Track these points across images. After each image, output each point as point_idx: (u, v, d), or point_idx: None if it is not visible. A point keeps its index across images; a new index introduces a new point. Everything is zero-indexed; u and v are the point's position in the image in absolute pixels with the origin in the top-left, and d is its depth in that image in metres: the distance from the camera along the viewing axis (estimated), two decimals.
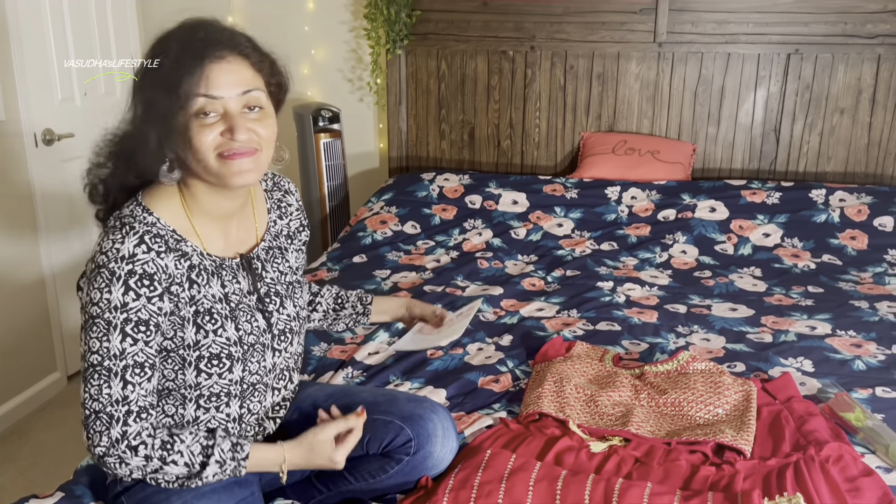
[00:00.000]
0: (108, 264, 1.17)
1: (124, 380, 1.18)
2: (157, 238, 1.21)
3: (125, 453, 1.18)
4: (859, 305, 2.24)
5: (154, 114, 1.19)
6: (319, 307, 1.65)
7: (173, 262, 1.22)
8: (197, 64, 1.19)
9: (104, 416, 1.17)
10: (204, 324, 1.26)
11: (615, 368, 1.81)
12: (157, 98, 1.18)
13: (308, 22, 3.39)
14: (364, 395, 1.49)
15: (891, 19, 2.91)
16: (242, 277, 1.33)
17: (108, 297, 1.17)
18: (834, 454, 1.43)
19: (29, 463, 2.50)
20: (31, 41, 2.77)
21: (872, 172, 3.06)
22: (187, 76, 1.18)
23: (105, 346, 1.17)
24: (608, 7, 3.11)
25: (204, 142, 1.20)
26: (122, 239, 1.19)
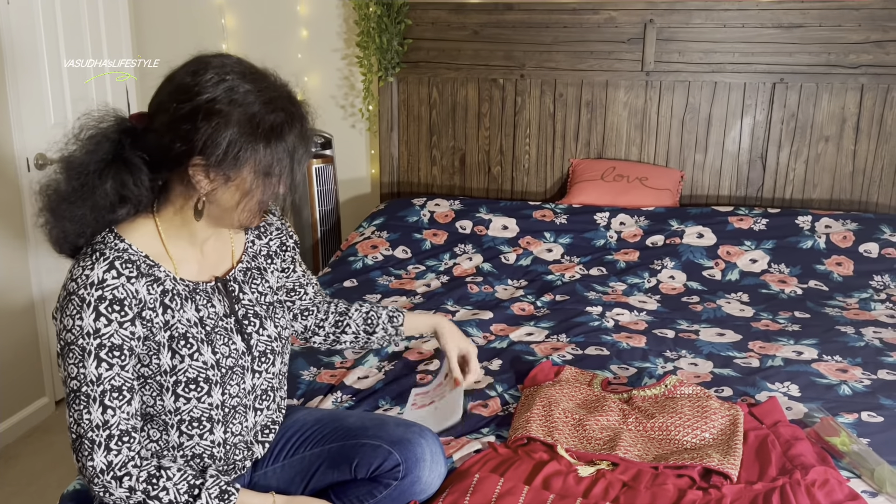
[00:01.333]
0: (78, 291, 1.18)
1: (103, 405, 1.18)
2: (127, 263, 1.22)
3: (110, 483, 1.18)
4: (845, 331, 2.26)
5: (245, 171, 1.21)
6: (349, 329, 1.64)
7: (145, 288, 1.23)
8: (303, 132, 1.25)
9: (86, 441, 1.18)
10: (179, 348, 1.26)
11: (603, 393, 1.82)
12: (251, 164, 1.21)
13: (301, 49, 3.43)
14: (352, 419, 1.49)
15: (873, 50, 2.98)
16: (218, 301, 1.34)
17: (80, 324, 1.18)
18: (820, 478, 1.44)
19: (16, 489, 2.48)
20: (24, 63, 2.79)
21: (857, 199, 3.11)
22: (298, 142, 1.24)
23: (82, 373, 1.18)
24: (596, 37, 3.17)
25: (254, 211, 1.27)
26: (91, 265, 1.20)
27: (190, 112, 1.18)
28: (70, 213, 1.23)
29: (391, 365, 2.03)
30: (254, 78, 1.22)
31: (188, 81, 1.20)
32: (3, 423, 2.74)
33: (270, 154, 1.20)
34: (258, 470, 1.46)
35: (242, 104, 1.19)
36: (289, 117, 1.22)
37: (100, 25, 3.16)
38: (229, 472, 1.39)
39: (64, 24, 2.95)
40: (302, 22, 3.41)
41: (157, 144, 1.21)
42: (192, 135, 1.17)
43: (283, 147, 1.21)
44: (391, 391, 1.88)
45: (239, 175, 1.21)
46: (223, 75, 1.19)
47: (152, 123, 1.23)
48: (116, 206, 1.24)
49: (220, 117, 1.17)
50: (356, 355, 2.09)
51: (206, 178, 1.21)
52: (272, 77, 1.26)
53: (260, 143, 1.19)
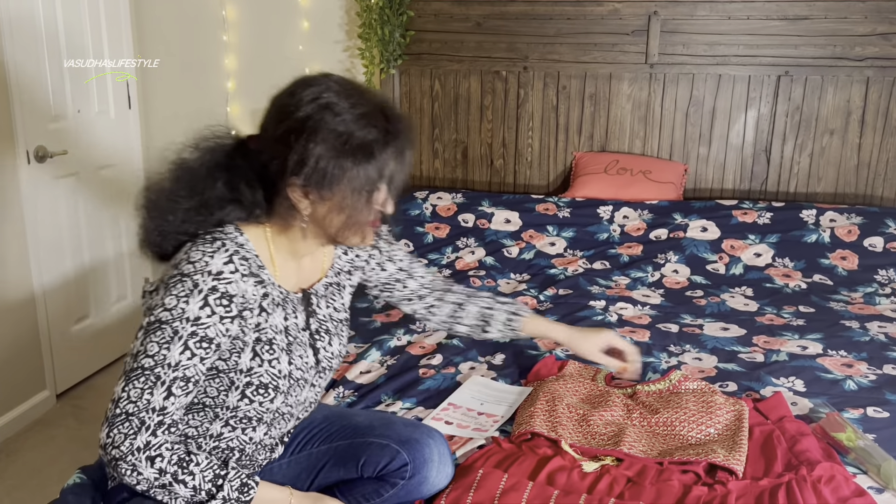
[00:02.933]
0: (194, 275, 1.18)
1: (169, 390, 1.17)
2: (243, 260, 1.23)
3: (140, 462, 1.15)
4: (850, 325, 2.25)
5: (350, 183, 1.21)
6: (463, 322, 1.70)
7: (252, 288, 1.24)
8: (399, 148, 1.24)
9: (136, 420, 1.15)
10: (262, 352, 1.26)
11: (607, 388, 1.81)
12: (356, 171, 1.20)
13: (302, 41, 3.41)
14: (360, 418, 1.49)
15: (879, 42, 2.95)
16: (300, 312, 1.35)
17: (183, 307, 1.17)
18: (826, 474, 1.43)
19: (16, 482, 2.48)
20: (25, 57, 2.77)
21: (862, 193, 3.09)
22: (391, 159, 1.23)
23: (162, 354, 1.16)
24: (600, 29, 3.15)
25: (358, 231, 1.27)
26: (212, 253, 1.20)
27: (284, 132, 1.19)
28: (175, 209, 1.24)
29: (393, 359, 2.03)
30: (349, 94, 1.21)
31: (286, 101, 1.22)
32: (4, 416, 2.73)
33: (362, 172, 1.20)
34: (266, 465, 1.46)
35: (333, 121, 1.18)
36: (382, 133, 1.21)
37: (100, 25, 3.15)
38: (247, 467, 1.39)
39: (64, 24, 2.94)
40: (303, 13, 3.39)
41: (261, 164, 1.23)
42: (287, 154, 1.19)
43: (376, 165, 1.21)
44: (393, 386, 1.87)
45: (334, 194, 1.21)
46: (319, 93, 1.20)
47: (258, 144, 1.25)
48: (226, 205, 1.25)
49: (311, 135, 1.18)
50: (358, 350, 2.09)
51: (305, 198, 1.22)
52: (369, 93, 1.25)
53: (348, 160, 1.19)
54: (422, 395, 1.83)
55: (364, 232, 1.29)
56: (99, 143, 3.22)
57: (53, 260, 2.99)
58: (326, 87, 1.21)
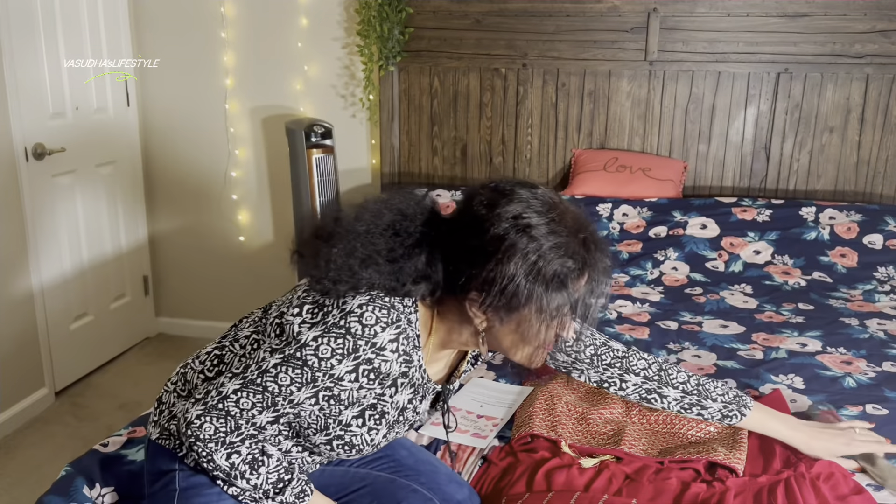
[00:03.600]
0: (358, 340, 1.14)
1: (277, 419, 1.17)
2: (406, 339, 1.18)
3: (218, 452, 1.16)
4: (849, 322, 2.25)
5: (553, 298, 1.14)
6: (656, 404, 1.52)
7: (400, 366, 1.20)
8: (593, 280, 1.18)
9: (233, 422, 1.15)
10: (367, 417, 1.24)
11: None
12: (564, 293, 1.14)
13: (301, 38, 3.41)
14: (404, 452, 1.47)
15: (879, 39, 2.95)
16: (428, 399, 1.33)
17: (332, 363, 1.14)
18: (825, 471, 1.43)
19: (15, 479, 2.47)
20: (22, 54, 2.76)
21: (862, 190, 3.08)
22: (584, 287, 1.17)
23: (290, 390, 1.15)
24: (600, 26, 3.14)
25: (531, 355, 1.21)
26: (385, 325, 1.15)
27: (479, 244, 1.13)
28: (369, 263, 1.17)
29: None
30: (549, 216, 1.14)
31: (485, 213, 1.15)
32: (3, 413, 2.73)
33: (552, 300, 1.13)
34: None
35: (530, 246, 1.12)
36: (579, 265, 1.14)
37: (99, 22, 3.14)
38: None
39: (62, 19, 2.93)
40: (302, 10, 3.38)
41: (447, 265, 1.18)
42: (475, 269, 1.13)
43: (567, 295, 1.14)
44: None
45: (515, 316, 1.15)
46: (520, 212, 1.13)
47: (452, 237, 1.18)
48: (420, 280, 1.19)
49: (506, 254, 1.11)
50: None
51: (483, 313, 1.17)
52: (570, 213, 1.17)
53: (539, 289, 1.12)
54: None
55: (534, 355, 1.22)
56: (97, 140, 3.21)
57: (52, 257, 2.98)
58: (528, 206, 1.14)
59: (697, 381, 1.51)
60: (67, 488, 1.41)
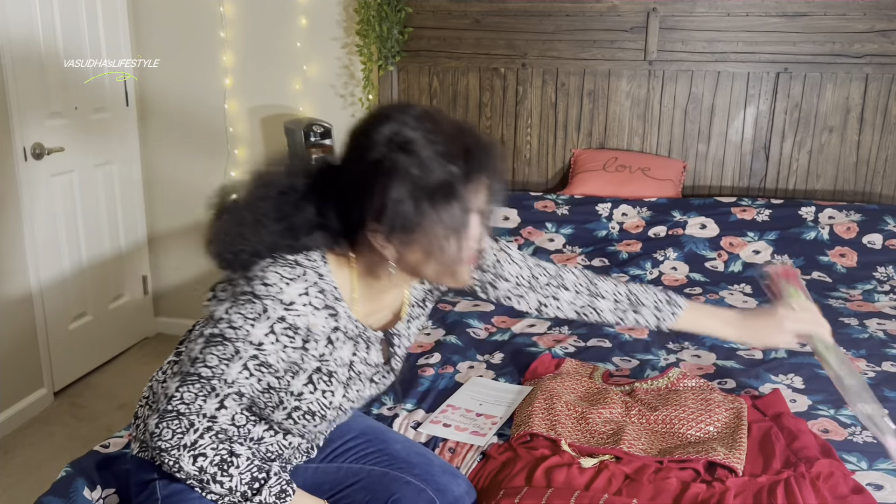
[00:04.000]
0: (265, 299, 1.15)
1: (222, 403, 1.16)
2: (320, 293, 1.19)
3: (183, 458, 1.15)
4: (849, 322, 2.25)
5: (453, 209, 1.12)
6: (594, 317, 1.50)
7: (322, 320, 1.20)
8: (484, 180, 1.17)
9: (185, 420, 1.15)
10: (318, 382, 1.23)
11: (605, 385, 1.80)
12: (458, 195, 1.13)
13: (300, 38, 3.40)
14: (398, 446, 1.47)
15: (878, 39, 2.95)
16: (375, 350, 1.31)
17: (248, 329, 1.15)
18: (825, 471, 1.43)
19: (14, 479, 2.47)
20: (22, 54, 2.76)
21: (861, 190, 3.08)
22: (478, 193, 1.16)
23: (221, 368, 1.15)
24: (599, 25, 3.14)
25: (464, 253, 1.17)
26: (289, 281, 1.16)
27: (361, 175, 1.13)
28: (260, 229, 1.18)
29: None
30: (427, 128, 1.13)
31: (362, 141, 1.15)
32: (2, 414, 2.73)
33: (446, 214, 1.12)
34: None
35: (410, 162, 1.10)
36: (463, 169, 1.13)
37: (98, 25, 3.14)
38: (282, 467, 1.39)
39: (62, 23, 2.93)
40: (301, 10, 3.38)
41: (342, 206, 1.18)
42: (364, 201, 1.13)
43: (460, 204, 1.12)
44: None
45: (418, 239, 1.13)
46: (395, 131, 1.12)
47: (341, 180, 1.18)
48: (314, 230, 1.19)
49: (388, 177, 1.10)
50: None
51: (389, 244, 1.16)
52: (449, 122, 1.17)
53: (427, 203, 1.11)
54: (422, 395, 1.82)
55: (457, 272, 1.21)
56: (96, 140, 3.21)
57: (51, 257, 2.98)
58: (402, 123, 1.13)
59: (627, 288, 1.49)
60: (67, 490, 1.40)
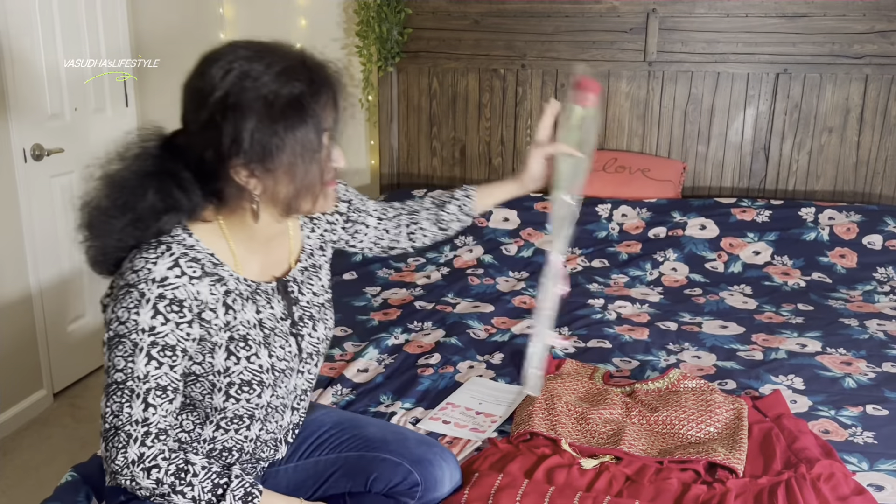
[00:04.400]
0: (139, 284, 1.14)
1: (146, 402, 1.15)
2: (192, 262, 1.18)
3: (138, 474, 1.15)
4: (849, 323, 2.25)
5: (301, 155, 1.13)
6: (425, 237, 1.57)
7: (208, 288, 1.19)
8: (330, 95, 1.15)
9: (123, 434, 1.14)
10: (237, 350, 1.23)
11: (605, 386, 1.80)
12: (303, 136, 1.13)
13: (300, 39, 3.40)
14: (373, 429, 1.46)
15: (878, 40, 2.95)
16: (277, 302, 1.30)
17: (136, 319, 1.14)
18: (825, 472, 1.43)
19: (13, 481, 2.47)
20: (21, 54, 2.76)
21: (861, 191, 3.08)
22: (326, 109, 1.15)
23: (129, 367, 1.15)
24: (598, 26, 3.14)
25: (327, 175, 1.18)
26: (155, 259, 1.15)
27: (208, 116, 1.13)
28: (111, 228, 1.18)
29: (391, 358, 2.02)
30: (261, 55, 1.13)
31: (198, 85, 1.15)
32: (1, 415, 2.72)
33: (300, 132, 1.12)
34: (270, 468, 1.44)
35: (253, 88, 1.11)
36: (307, 85, 1.13)
37: (97, 24, 3.13)
38: (249, 470, 1.37)
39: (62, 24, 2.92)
40: (301, 11, 3.38)
41: (194, 156, 1.16)
42: (218, 138, 1.12)
43: (312, 121, 1.13)
44: (392, 385, 1.86)
45: (278, 163, 1.13)
46: (229, 65, 1.13)
47: (186, 139, 1.18)
48: (162, 214, 1.18)
49: (236, 111, 1.11)
50: (356, 348, 2.08)
51: (252, 177, 1.15)
52: (283, 48, 1.17)
53: (281, 124, 1.11)
54: (421, 395, 1.82)
55: (319, 195, 1.20)
56: (96, 141, 3.21)
57: (50, 259, 2.98)
58: (235, 56, 1.13)
59: (431, 198, 1.60)
60: (74, 499, 1.40)
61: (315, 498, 1.42)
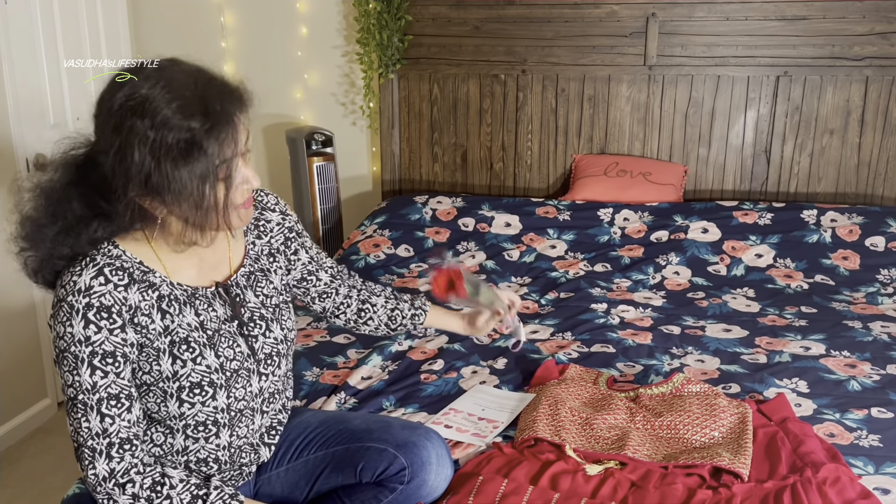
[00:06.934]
0: (67, 297, 1.16)
1: (101, 413, 1.16)
2: (118, 270, 1.19)
3: (113, 490, 1.16)
4: (853, 325, 2.24)
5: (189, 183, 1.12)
6: (371, 322, 1.63)
7: (138, 294, 1.20)
8: (230, 126, 1.15)
9: (87, 450, 1.17)
10: (180, 353, 1.24)
11: (609, 391, 1.80)
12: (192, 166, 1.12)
13: (301, 47, 3.41)
14: (357, 421, 1.47)
15: (878, 41, 2.95)
16: (220, 305, 1.31)
17: (70, 331, 1.16)
18: (831, 476, 1.42)
19: (18, 491, 2.47)
20: (23, 65, 2.77)
21: (863, 193, 3.08)
22: (226, 141, 1.14)
23: (77, 381, 1.17)
24: (598, 31, 3.14)
25: (235, 199, 1.20)
26: (80, 272, 1.17)
27: (106, 142, 1.13)
28: (43, 237, 1.20)
29: (395, 365, 2.02)
30: (160, 86, 1.12)
31: (103, 111, 1.14)
32: (6, 425, 2.73)
33: (197, 168, 1.11)
34: (262, 474, 1.44)
35: (145, 125, 1.09)
36: (202, 120, 1.11)
37: (98, 25, 3.14)
38: (235, 477, 1.38)
39: (62, 24, 2.93)
40: (301, 19, 3.39)
41: (104, 174, 1.16)
42: (117, 166, 1.12)
43: (205, 156, 1.12)
44: (395, 391, 1.86)
45: (179, 197, 1.13)
46: (129, 94, 1.11)
47: (94, 162, 1.18)
48: (91, 221, 1.19)
49: (127, 147, 1.10)
50: (359, 355, 2.08)
51: (155, 204, 1.16)
52: (183, 74, 1.15)
53: (171, 162, 1.10)
54: (424, 400, 1.82)
55: (224, 217, 1.19)
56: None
57: None
58: (133, 86, 1.12)
59: (385, 288, 1.69)
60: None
61: (310, 496, 1.42)
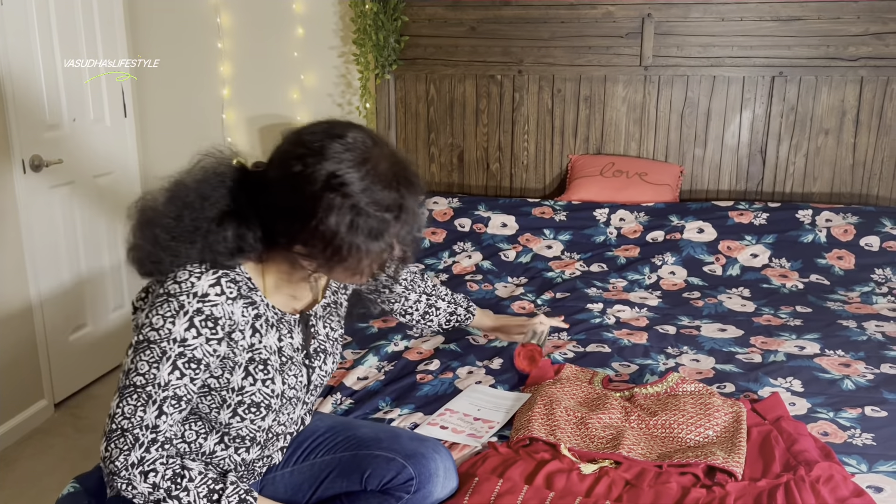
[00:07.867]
0: (180, 296, 1.18)
1: (160, 409, 1.18)
2: (232, 283, 1.22)
3: (135, 477, 1.17)
4: (847, 325, 2.25)
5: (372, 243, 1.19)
6: (431, 324, 1.87)
7: (241, 309, 1.23)
8: (411, 216, 1.23)
9: (130, 436, 1.17)
10: (255, 372, 1.26)
11: (604, 391, 1.81)
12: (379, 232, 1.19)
13: (297, 47, 3.42)
14: (366, 429, 1.49)
15: (872, 42, 2.96)
16: (297, 333, 1.34)
17: (169, 328, 1.17)
18: (824, 474, 1.43)
19: (15, 492, 2.47)
20: (19, 66, 2.77)
21: (858, 192, 3.09)
22: (405, 227, 1.23)
23: (153, 373, 1.17)
24: (594, 31, 3.15)
25: (361, 282, 1.33)
26: (199, 274, 1.19)
27: (294, 207, 1.17)
28: (175, 249, 1.20)
29: (391, 365, 2.02)
30: (366, 171, 1.17)
31: (298, 171, 1.16)
32: (2, 426, 2.73)
33: (374, 247, 1.18)
34: (267, 474, 1.46)
35: (345, 205, 1.15)
36: (395, 214, 1.19)
37: (95, 25, 3.15)
38: (246, 477, 1.40)
39: (59, 25, 2.94)
40: (298, 20, 3.39)
41: (268, 220, 1.21)
42: (296, 227, 1.17)
43: (386, 240, 1.19)
44: (391, 392, 1.87)
45: (340, 263, 1.20)
46: (333, 172, 1.15)
47: (266, 196, 1.21)
48: (235, 254, 1.22)
49: (323, 216, 1.15)
50: (355, 356, 2.08)
51: (311, 260, 1.21)
52: (387, 163, 1.20)
53: (360, 239, 1.17)
54: (420, 401, 1.83)
55: (363, 280, 1.30)
56: (95, 151, 3.22)
57: (50, 269, 2.98)
58: (340, 161, 1.16)
59: (451, 294, 1.91)
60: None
61: (312, 500, 1.43)
